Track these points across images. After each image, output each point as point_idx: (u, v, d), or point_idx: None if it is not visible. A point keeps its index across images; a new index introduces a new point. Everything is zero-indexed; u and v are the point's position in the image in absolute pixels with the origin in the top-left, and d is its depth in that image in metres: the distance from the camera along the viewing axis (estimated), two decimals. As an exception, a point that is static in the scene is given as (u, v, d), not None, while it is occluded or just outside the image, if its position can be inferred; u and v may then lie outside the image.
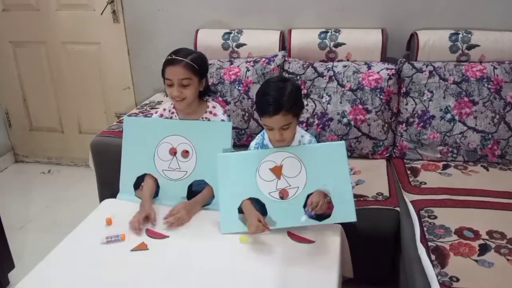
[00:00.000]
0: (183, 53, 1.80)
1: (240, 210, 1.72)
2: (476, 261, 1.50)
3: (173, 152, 1.85)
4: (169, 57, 1.80)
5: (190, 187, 1.86)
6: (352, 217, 1.67)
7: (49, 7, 3.01)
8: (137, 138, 1.90)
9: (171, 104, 1.94)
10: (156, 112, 2.02)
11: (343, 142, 1.70)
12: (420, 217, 1.75)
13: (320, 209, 1.59)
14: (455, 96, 2.21)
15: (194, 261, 1.54)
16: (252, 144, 1.83)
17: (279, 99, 1.59)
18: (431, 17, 2.47)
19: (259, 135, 1.83)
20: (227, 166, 1.72)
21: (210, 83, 2.42)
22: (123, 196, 1.90)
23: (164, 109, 1.98)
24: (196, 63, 1.79)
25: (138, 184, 1.94)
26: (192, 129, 1.85)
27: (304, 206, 1.69)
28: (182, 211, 1.74)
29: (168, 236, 1.66)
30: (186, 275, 1.47)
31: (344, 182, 1.68)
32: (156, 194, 1.89)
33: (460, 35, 2.34)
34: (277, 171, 1.69)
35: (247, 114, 2.40)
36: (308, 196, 1.69)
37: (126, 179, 1.92)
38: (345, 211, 1.67)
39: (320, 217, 1.74)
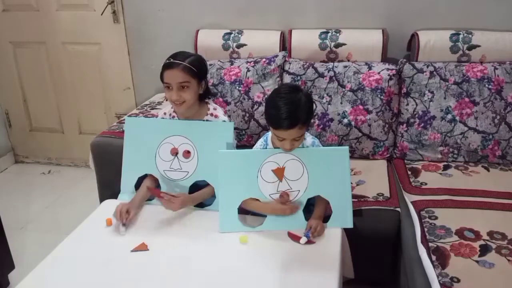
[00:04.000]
0: (181, 57, 1.79)
1: (240, 211, 1.72)
2: (477, 261, 1.49)
3: (174, 152, 1.84)
4: (167, 61, 1.79)
5: (191, 187, 1.86)
6: (349, 223, 1.68)
7: (49, 8, 3.01)
8: (139, 139, 1.89)
9: (172, 107, 1.93)
10: (157, 115, 2.02)
11: (346, 147, 1.69)
12: (420, 218, 1.75)
13: (317, 233, 1.62)
14: (456, 96, 2.21)
15: (194, 262, 1.53)
16: (256, 148, 1.82)
17: (295, 113, 1.56)
18: (432, 17, 2.47)
19: (261, 139, 1.82)
20: (228, 164, 1.71)
21: (210, 84, 2.42)
22: (124, 196, 1.90)
23: (165, 113, 1.98)
24: (194, 66, 1.78)
25: (139, 184, 1.94)
26: (193, 129, 1.84)
27: (304, 210, 1.69)
28: (178, 201, 1.74)
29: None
30: (186, 276, 1.47)
31: (344, 187, 1.68)
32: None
33: (461, 36, 2.34)
34: (279, 173, 1.68)
35: (247, 115, 2.40)
36: (308, 200, 1.70)
37: (127, 180, 1.91)
38: (342, 216, 1.68)
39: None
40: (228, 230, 1.68)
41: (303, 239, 1.60)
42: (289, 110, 1.56)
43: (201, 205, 1.86)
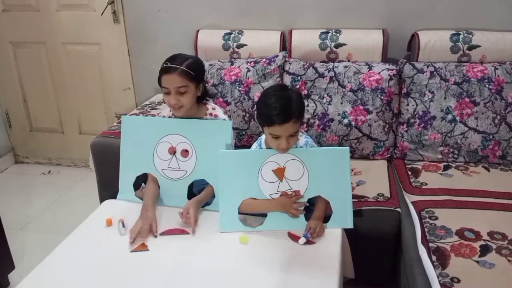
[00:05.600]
0: (178, 60, 1.78)
1: (240, 211, 1.72)
2: (477, 262, 1.49)
3: (172, 151, 1.84)
4: (165, 64, 1.78)
5: (190, 186, 1.85)
6: (349, 224, 1.68)
7: (49, 8, 3.01)
8: (136, 137, 1.88)
9: (170, 110, 1.92)
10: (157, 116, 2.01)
11: (347, 148, 1.69)
12: (421, 218, 1.75)
13: (317, 234, 1.62)
14: (456, 96, 2.21)
15: (194, 262, 1.53)
16: None
17: (288, 106, 1.57)
18: (432, 17, 2.47)
19: (255, 144, 1.81)
20: (228, 164, 1.71)
21: (210, 84, 2.41)
22: (123, 196, 1.89)
23: (164, 116, 1.97)
24: (192, 70, 1.77)
25: (137, 184, 1.93)
26: (191, 128, 1.83)
27: (304, 210, 1.69)
28: (192, 211, 1.71)
29: (188, 232, 1.67)
30: (186, 276, 1.47)
31: (344, 188, 1.68)
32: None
33: (461, 36, 2.34)
34: (280, 173, 1.68)
35: (247, 115, 2.40)
36: (309, 200, 1.70)
37: (125, 179, 1.91)
38: (343, 217, 1.68)
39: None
40: (228, 230, 1.68)
41: (302, 240, 1.60)
42: (282, 105, 1.57)
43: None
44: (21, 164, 3.55)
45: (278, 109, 1.56)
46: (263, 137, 1.77)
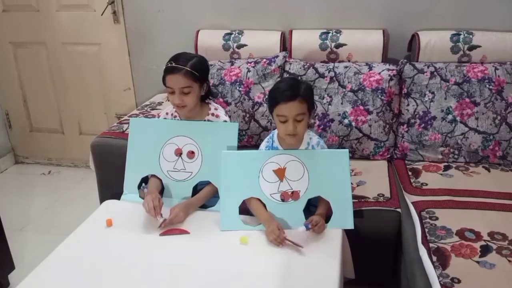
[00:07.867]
0: (183, 60, 1.78)
1: (241, 211, 1.72)
2: (478, 262, 1.49)
3: (178, 152, 1.84)
4: (169, 64, 1.78)
5: (195, 188, 1.85)
6: (349, 225, 1.69)
7: (49, 8, 3.01)
8: (143, 139, 1.89)
9: (173, 108, 1.93)
10: (158, 115, 2.01)
11: (346, 150, 1.71)
12: (421, 218, 1.75)
13: (318, 229, 1.61)
14: (457, 97, 2.20)
15: (194, 261, 1.53)
16: (262, 147, 1.83)
17: (295, 85, 1.67)
18: (433, 17, 2.47)
19: (268, 137, 1.83)
20: (230, 164, 1.72)
21: (210, 84, 2.41)
22: (127, 197, 1.89)
23: (167, 113, 1.98)
24: (196, 70, 1.78)
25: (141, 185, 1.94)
26: (198, 129, 1.84)
27: (304, 210, 1.70)
28: (179, 212, 1.72)
29: (188, 232, 1.68)
30: (186, 276, 1.47)
31: (344, 189, 1.69)
32: (160, 195, 1.88)
33: (462, 36, 2.34)
34: (280, 173, 1.69)
35: (247, 115, 2.40)
36: (309, 200, 1.70)
37: (131, 180, 1.90)
38: (343, 218, 1.68)
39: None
40: (229, 228, 1.68)
41: (302, 228, 1.60)
42: (289, 83, 1.70)
43: (203, 206, 1.85)
44: (21, 165, 3.55)
45: (285, 86, 1.67)
46: (275, 131, 1.79)
